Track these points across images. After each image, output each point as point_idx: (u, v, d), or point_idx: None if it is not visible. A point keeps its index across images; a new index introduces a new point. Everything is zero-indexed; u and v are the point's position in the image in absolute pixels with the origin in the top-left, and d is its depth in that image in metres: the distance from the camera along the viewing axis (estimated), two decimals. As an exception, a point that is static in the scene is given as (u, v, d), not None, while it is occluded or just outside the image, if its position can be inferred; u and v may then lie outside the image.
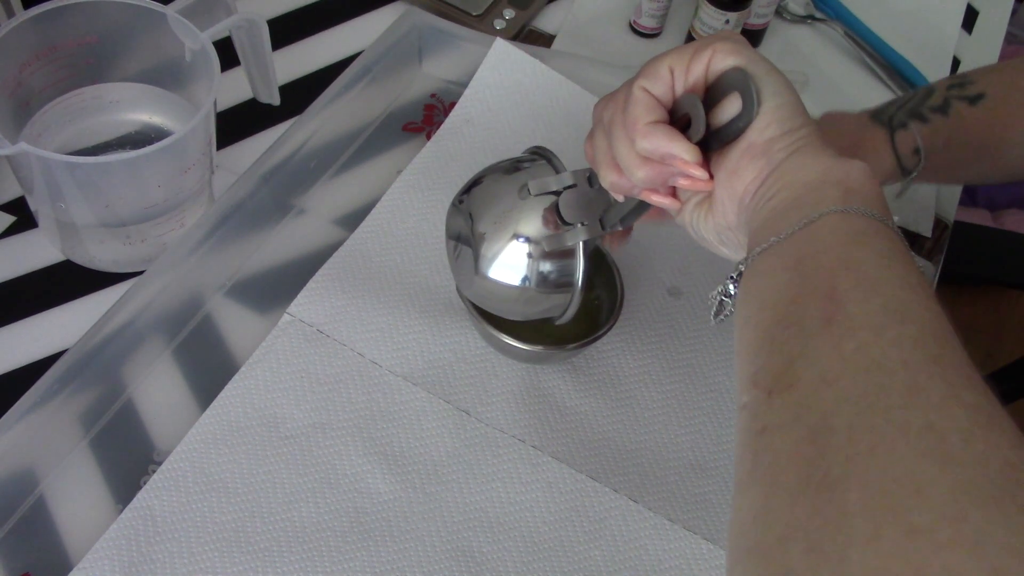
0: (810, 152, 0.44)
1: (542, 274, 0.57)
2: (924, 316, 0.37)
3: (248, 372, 0.65)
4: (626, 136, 0.47)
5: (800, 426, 0.36)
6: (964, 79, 0.62)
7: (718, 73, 0.46)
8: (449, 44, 0.82)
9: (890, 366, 0.35)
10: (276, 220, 0.73)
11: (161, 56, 0.69)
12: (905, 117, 0.59)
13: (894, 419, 0.34)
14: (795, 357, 0.37)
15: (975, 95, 0.60)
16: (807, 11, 0.98)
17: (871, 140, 0.58)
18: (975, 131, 0.60)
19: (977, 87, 0.61)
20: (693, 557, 0.62)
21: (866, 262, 0.39)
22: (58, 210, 0.65)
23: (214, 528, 0.59)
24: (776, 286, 0.41)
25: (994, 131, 0.60)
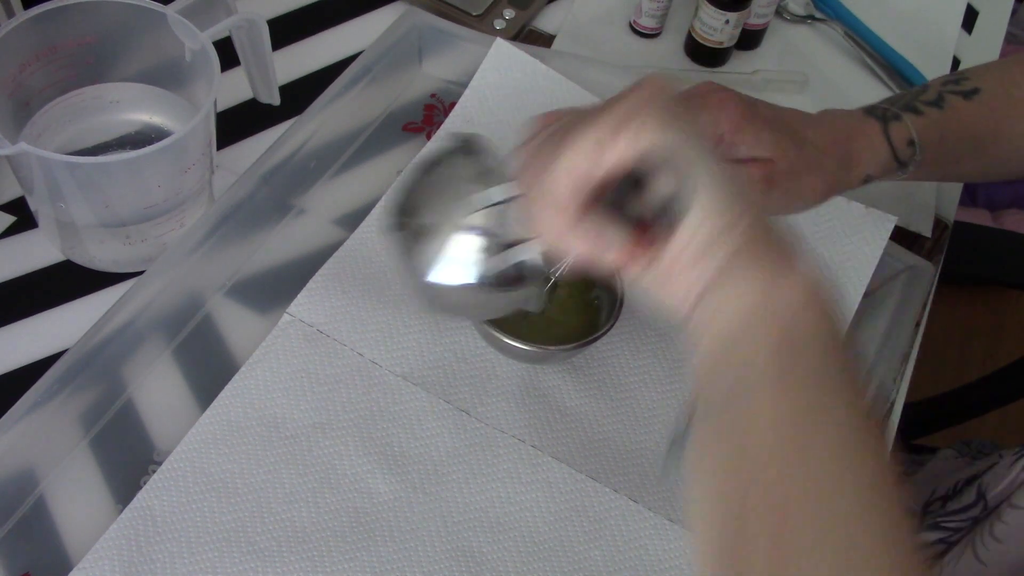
0: (748, 264, 0.40)
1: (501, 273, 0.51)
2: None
3: (248, 372, 0.65)
4: (554, 207, 0.43)
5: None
6: (959, 76, 0.62)
7: (644, 151, 0.41)
8: (449, 44, 0.82)
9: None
10: (276, 220, 0.73)
11: (161, 56, 0.69)
12: (899, 110, 0.59)
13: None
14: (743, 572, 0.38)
15: (970, 90, 0.60)
16: (807, 11, 0.98)
17: (864, 131, 0.58)
18: (970, 124, 0.60)
19: (972, 82, 0.61)
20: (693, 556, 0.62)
21: (808, 459, 0.38)
22: (58, 210, 0.65)
23: (214, 528, 0.59)
24: (720, 486, 0.40)
25: (989, 125, 0.60)
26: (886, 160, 0.58)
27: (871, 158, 0.57)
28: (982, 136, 0.60)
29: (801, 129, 0.55)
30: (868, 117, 0.58)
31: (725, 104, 0.53)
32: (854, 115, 0.59)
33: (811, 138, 0.55)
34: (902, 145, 0.58)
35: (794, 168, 0.53)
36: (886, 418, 0.72)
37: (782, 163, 0.53)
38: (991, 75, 0.62)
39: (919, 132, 0.58)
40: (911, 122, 0.58)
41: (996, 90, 0.60)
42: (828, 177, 0.56)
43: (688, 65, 0.92)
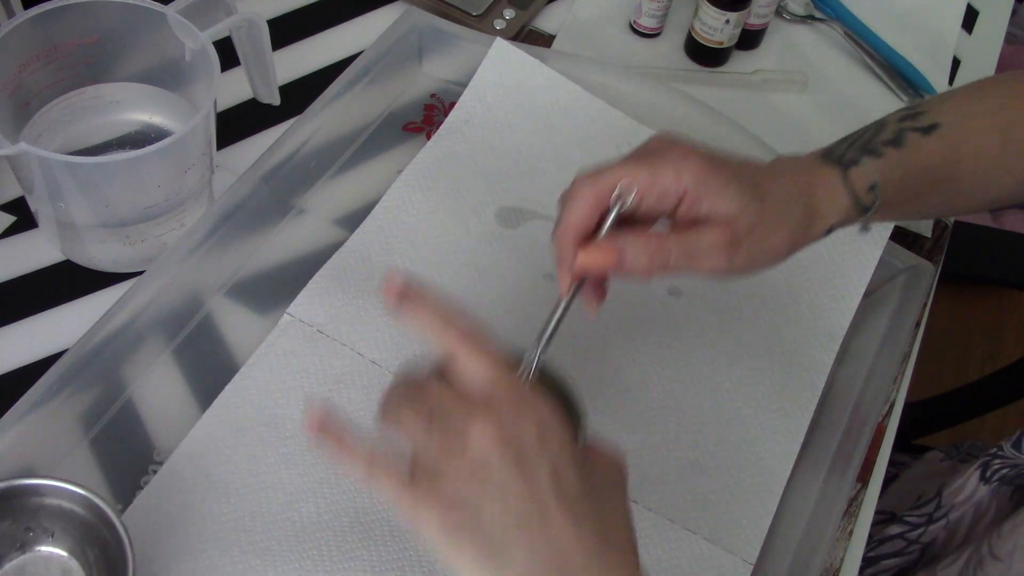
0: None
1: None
2: None
3: (248, 372, 0.65)
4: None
5: None
6: (916, 110, 0.60)
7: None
8: (449, 44, 0.82)
9: None
10: (276, 220, 0.73)
11: (161, 56, 0.69)
12: (857, 154, 0.57)
13: None
14: None
15: (928, 125, 0.58)
16: (807, 11, 0.98)
17: (824, 180, 0.55)
18: (930, 161, 0.58)
19: (929, 117, 0.59)
20: (693, 557, 0.62)
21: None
22: (58, 210, 0.65)
23: (215, 528, 0.59)
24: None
25: (949, 160, 0.58)
26: (848, 208, 0.55)
27: (833, 209, 0.55)
28: (943, 172, 0.58)
29: (763, 182, 0.53)
30: (827, 164, 0.56)
31: (686, 158, 0.51)
32: (813, 163, 0.56)
33: (774, 192, 0.53)
34: (863, 191, 0.55)
35: (757, 226, 0.51)
36: (886, 418, 0.72)
37: (744, 220, 0.51)
38: (948, 108, 0.60)
39: (879, 175, 0.56)
40: (871, 165, 0.56)
41: (954, 124, 0.58)
42: (792, 234, 0.53)
43: (688, 65, 0.92)
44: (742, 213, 0.50)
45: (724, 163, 0.52)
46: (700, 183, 0.50)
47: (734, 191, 0.50)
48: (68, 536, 0.55)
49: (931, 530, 0.84)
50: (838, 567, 0.64)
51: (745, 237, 0.51)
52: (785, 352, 0.70)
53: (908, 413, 0.75)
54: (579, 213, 0.51)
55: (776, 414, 0.68)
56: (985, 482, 0.81)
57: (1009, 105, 0.60)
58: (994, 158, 0.59)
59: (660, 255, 0.50)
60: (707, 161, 0.51)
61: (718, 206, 0.50)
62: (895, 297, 0.72)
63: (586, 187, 0.51)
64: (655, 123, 0.80)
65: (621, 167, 0.51)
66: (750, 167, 0.53)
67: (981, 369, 1.72)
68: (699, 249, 0.50)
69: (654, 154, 0.51)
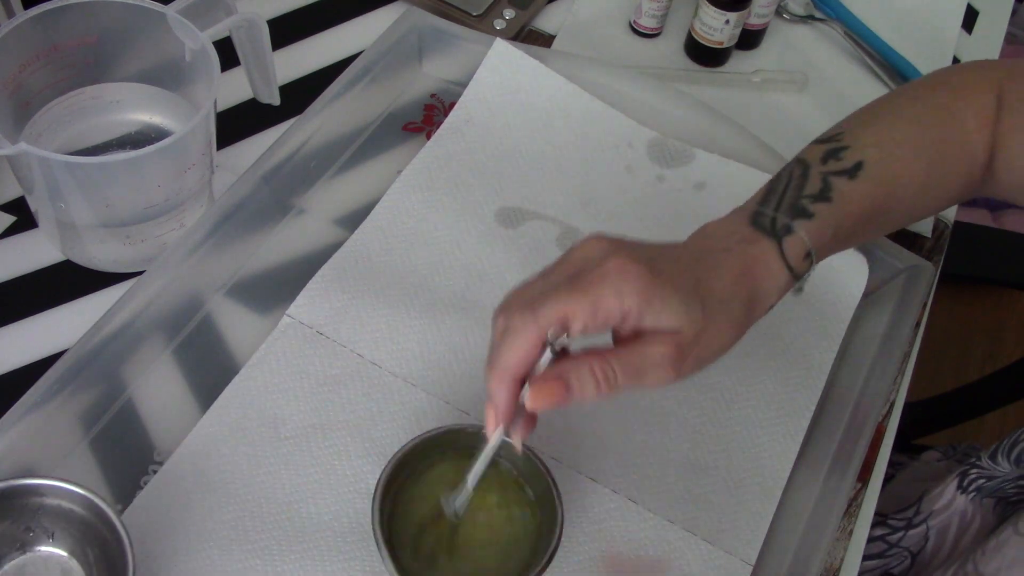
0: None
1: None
2: None
3: (248, 373, 0.65)
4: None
5: None
6: (836, 143, 0.57)
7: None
8: (449, 44, 0.82)
9: None
10: (276, 220, 0.73)
11: (161, 56, 0.69)
12: (788, 218, 0.53)
13: None
14: None
15: (853, 166, 0.56)
16: (807, 11, 0.98)
17: (760, 259, 0.52)
18: (862, 206, 0.55)
19: (852, 154, 0.56)
20: (693, 557, 0.62)
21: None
22: (58, 210, 0.65)
23: (214, 528, 0.59)
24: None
25: (878, 200, 0.56)
26: (785, 283, 0.53)
27: (772, 288, 0.53)
28: (872, 212, 0.56)
29: (703, 280, 0.50)
30: (760, 235, 0.53)
31: (625, 276, 0.47)
32: (743, 235, 0.53)
33: (714, 288, 0.50)
34: (798, 261, 0.53)
35: (702, 333, 0.49)
36: (886, 418, 0.72)
37: (690, 330, 0.48)
38: (869, 139, 0.57)
39: (813, 239, 0.53)
40: (804, 230, 0.53)
41: (878, 160, 0.56)
42: (736, 328, 0.51)
43: (688, 65, 0.92)
44: (685, 327, 0.48)
45: (664, 273, 0.49)
46: (643, 303, 0.47)
47: (677, 303, 0.48)
48: (68, 536, 0.55)
49: (911, 535, 0.84)
50: (838, 567, 0.64)
51: (692, 346, 0.49)
52: (785, 352, 0.70)
53: (908, 413, 0.75)
54: (519, 354, 0.48)
55: (776, 414, 0.68)
56: (962, 491, 0.81)
57: (927, 123, 0.58)
58: (920, 184, 0.58)
59: (607, 381, 0.48)
60: (647, 276, 0.48)
61: (662, 321, 0.48)
62: (895, 297, 0.72)
63: (524, 325, 0.48)
64: (655, 123, 0.80)
65: (560, 297, 0.48)
66: (688, 264, 0.51)
67: (981, 369, 1.72)
68: (645, 366, 0.48)
69: (590, 274, 0.48)
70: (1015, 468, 0.79)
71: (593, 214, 0.76)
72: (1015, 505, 0.81)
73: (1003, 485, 0.80)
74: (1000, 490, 0.81)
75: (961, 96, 0.59)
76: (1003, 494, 0.81)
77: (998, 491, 0.81)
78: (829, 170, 0.56)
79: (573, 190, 0.77)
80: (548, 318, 0.47)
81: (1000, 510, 0.82)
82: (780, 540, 0.63)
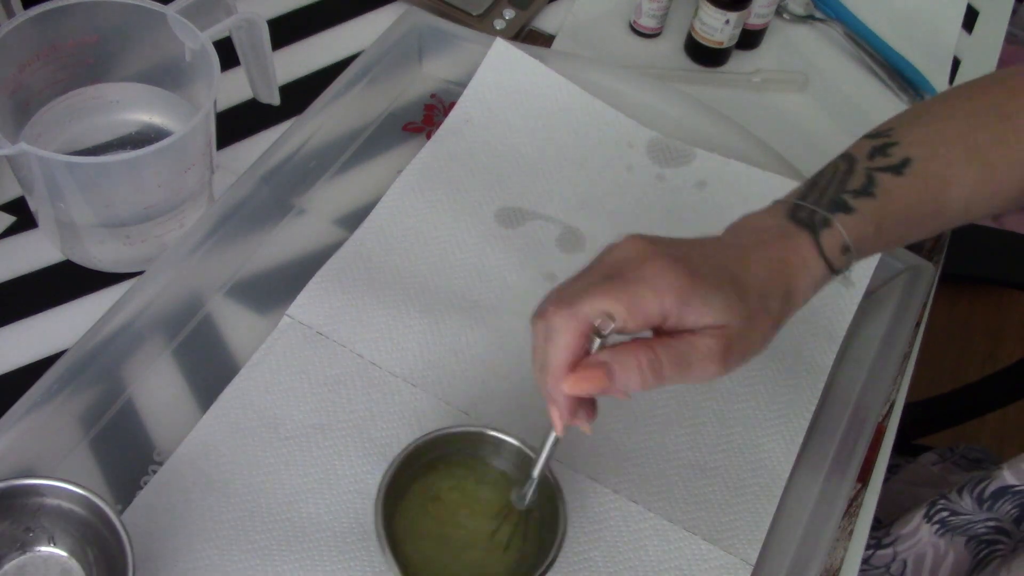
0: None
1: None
2: None
3: (248, 374, 0.65)
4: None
5: None
6: (886, 140, 0.56)
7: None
8: (449, 44, 0.82)
9: None
10: (276, 220, 0.73)
11: (161, 56, 0.69)
12: (828, 211, 0.53)
13: None
14: None
15: (900, 162, 0.55)
16: (807, 11, 0.98)
17: (797, 252, 0.52)
18: (907, 205, 0.54)
19: (900, 150, 0.55)
20: (693, 557, 0.62)
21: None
22: (58, 210, 0.65)
23: (214, 528, 0.59)
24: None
25: (926, 199, 0.55)
26: (821, 277, 0.53)
27: (808, 282, 0.52)
28: (921, 210, 0.55)
29: (742, 275, 0.50)
30: (797, 229, 0.52)
31: (664, 275, 0.47)
32: (781, 228, 0.53)
33: (752, 284, 0.50)
34: (836, 255, 0.52)
35: (745, 327, 0.49)
36: (886, 418, 0.72)
37: (734, 325, 0.48)
38: (918, 136, 0.56)
39: (853, 234, 0.52)
40: (843, 225, 0.52)
41: (927, 155, 0.55)
42: (775, 321, 0.51)
43: (688, 65, 0.92)
44: (731, 320, 0.48)
45: (702, 271, 0.48)
46: (683, 303, 0.47)
47: (719, 301, 0.48)
48: (68, 536, 0.55)
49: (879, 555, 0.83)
50: (838, 567, 0.64)
51: (737, 341, 0.49)
52: (785, 352, 0.70)
53: (908, 413, 0.75)
54: (565, 353, 0.48)
55: (776, 414, 0.68)
56: (928, 520, 0.80)
57: (980, 125, 0.57)
58: (973, 185, 0.56)
59: (653, 371, 0.47)
60: (686, 274, 0.48)
61: (706, 318, 0.48)
62: (895, 297, 0.72)
63: (565, 323, 0.47)
64: (655, 123, 0.80)
65: (597, 295, 0.47)
66: (724, 260, 0.50)
67: (981, 369, 1.72)
68: (693, 359, 0.48)
69: (628, 274, 0.48)
70: (977, 508, 0.78)
71: (593, 214, 0.76)
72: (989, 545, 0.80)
73: (972, 525, 0.80)
74: (970, 529, 0.80)
75: (1016, 97, 0.57)
76: (973, 533, 0.80)
77: (968, 529, 0.80)
78: (875, 166, 0.55)
79: (573, 190, 0.77)
80: (587, 315, 0.47)
81: (974, 548, 0.81)
82: (780, 540, 0.63)
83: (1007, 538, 0.79)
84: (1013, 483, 0.76)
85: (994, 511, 0.78)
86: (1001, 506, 0.78)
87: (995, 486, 0.77)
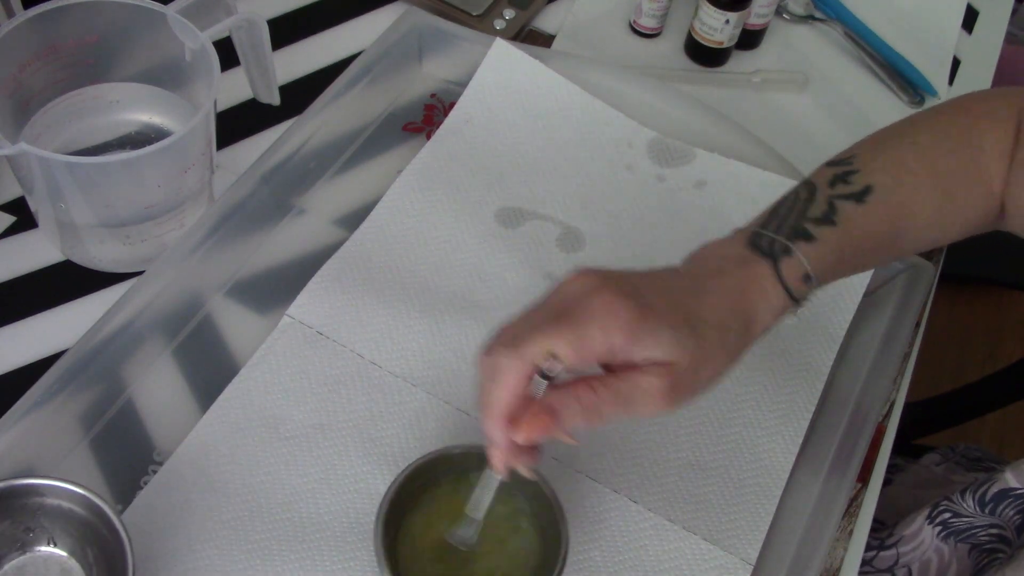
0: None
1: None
2: None
3: (248, 374, 0.65)
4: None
5: None
6: (847, 167, 0.55)
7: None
8: (449, 44, 0.82)
9: None
10: (276, 220, 0.73)
11: (161, 56, 0.69)
12: (788, 239, 0.52)
13: None
14: None
15: (861, 190, 0.54)
16: (807, 11, 0.98)
17: (757, 281, 0.51)
18: (867, 233, 0.54)
19: (862, 178, 0.54)
20: (693, 557, 0.62)
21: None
22: (58, 210, 0.65)
23: (214, 527, 0.59)
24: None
25: (886, 227, 0.55)
26: (782, 306, 0.52)
27: (767, 311, 0.51)
28: (880, 239, 0.55)
29: (696, 308, 0.49)
30: (755, 256, 0.51)
31: (612, 309, 0.46)
32: (740, 256, 0.52)
33: (708, 317, 0.49)
34: (797, 283, 0.51)
35: (696, 363, 0.48)
36: (886, 418, 0.72)
37: (683, 362, 0.47)
38: (881, 164, 0.56)
39: (814, 263, 0.51)
40: (803, 253, 0.51)
41: (888, 183, 0.54)
42: (730, 354, 0.50)
43: (688, 65, 0.92)
44: (679, 358, 0.47)
45: (653, 305, 0.47)
46: (630, 339, 0.46)
47: (669, 337, 0.47)
48: (68, 536, 0.55)
49: (882, 556, 0.83)
50: (838, 567, 0.64)
51: (686, 378, 0.48)
52: (785, 352, 0.70)
53: (908, 413, 0.75)
54: (507, 396, 0.47)
55: (776, 414, 0.68)
56: (930, 521, 0.80)
57: (943, 151, 0.56)
58: (933, 213, 0.56)
59: (595, 410, 0.47)
60: (635, 309, 0.46)
61: (655, 353, 0.47)
62: (895, 297, 0.72)
63: (508, 365, 0.47)
64: (655, 123, 0.80)
65: (542, 333, 0.46)
66: (678, 292, 0.50)
67: (981, 369, 1.72)
68: (636, 396, 0.47)
69: (576, 311, 0.47)
70: (980, 511, 0.78)
71: (593, 214, 0.76)
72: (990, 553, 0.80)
73: (974, 531, 0.80)
74: (972, 536, 0.80)
75: (980, 123, 0.57)
76: (975, 541, 0.80)
77: (970, 537, 0.80)
78: (836, 193, 0.54)
79: (573, 190, 0.77)
80: (533, 355, 0.46)
81: (975, 557, 0.81)
82: (780, 540, 0.63)
83: (1008, 547, 0.79)
84: (1015, 486, 0.76)
85: (996, 515, 0.78)
86: (1004, 510, 0.78)
87: (997, 488, 0.77)
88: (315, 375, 0.66)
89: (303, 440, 0.63)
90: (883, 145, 0.58)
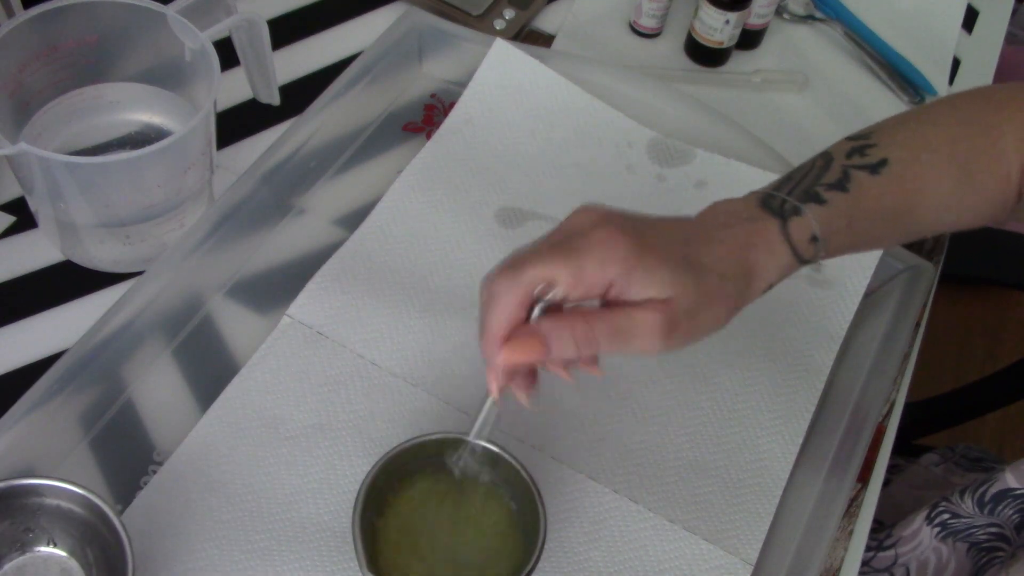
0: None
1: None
2: None
3: (248, 374, 0.65)
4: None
5: None
6: (866, 141, 0.56)
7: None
8: (449, 44, 0.82)
9: None
10: (276, 220, 0.73)
11: (161, 56, 0.69)
12: (799, 200, 0.53)
13: None
14: None
15: (877, 162, 0.54)
16: (807, 11, 0.98)
17: (762, 235, 0.51)
18: (879, 203, 0.54)
19: (879, 151, 0.55)
20: (693, 557, 0.62)
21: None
22: (58, 210, 0.65)
23: (214, 528, 0.59)
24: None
25: (900, 199, 0.55)
26: (787, 263, 0.52)
27: (771, 266, 0.51)
28: (893, 212, 0.55)
29: (697, 254, 0.49)
30: (765, 214, 0.52)
31: (611, 243, 0.47)
32: (750, 214, 0.52)
33: (708, 263, 0.49)
34: (803, 243, 0.52)
35: (694, 305, 0.48)
36: (886, 418, 0.72)
37: (681, 302, 0.47)
38: (900, 139, 0.56)
39: (822, 225, 0.52)
40: (812, 215, 0.52)
41: (905, 158, 0.55)
42: (729, 302, 0.50)
43: (688, 65, 0.92)
44: (677, 296, 0.47)
45: (652, 244, 0.48)
46: (626, 273, 0.47)
47: (666, 275, 0.47)
48: (68, 536, 0.55)
49: (880, 557, 0.83)
50: (838, 567, 0.64)
51: (682, 318, 0.48)
52: (785, 352, 0.70)
53: (908, 413, 0.75)
54: (502, 319, 0.48)
55: (776, 414, 0.68)
56: (929, 522, 0.80)
57: (963, 134, 0.56)
58: (949, 194, 0.56)
59: (588, 341, 0.47)
60: (634, 246, 0.47)
61: (650, 291, 0.47)
62: (895, 297, 0.72)
63: (507, 289, 0.48)
64: (655, 123, 0.80)
65: (541, 260, 0.47)
66: (681, 237, 0.50)
67: (981, 369, 1.72)
68: (631, 331, 0.47)
69: (576, 241, 0.48)
70: (978, 511, 0.78)
71: (593, 214, 0.76)
72: (989, 552, 0.80)
73: (973, 531, 0.80)
74: (971, 535, 0.80)
75: (1002, 110, 0.57)
76: (974, 540, 0.80)
77: (968, 536, 0.80)
78: (852, 163, 0.55)
79: (573, 190, 0.77)
80: (530, 281, 0.47)
81: (975, 556, 0.81)
82: (780, 540, 0.63)
83: (1007, 544, 0.79)
84: (1015, 486, 0.76)
85: (995, 515, 0.78)
86: (1003, 510, 0.78)
87: (996, 489, 0.77)
88: (315, 375, 0.66)
89: (303, 440, 0.63)
90: (904, 124, 0.58)
